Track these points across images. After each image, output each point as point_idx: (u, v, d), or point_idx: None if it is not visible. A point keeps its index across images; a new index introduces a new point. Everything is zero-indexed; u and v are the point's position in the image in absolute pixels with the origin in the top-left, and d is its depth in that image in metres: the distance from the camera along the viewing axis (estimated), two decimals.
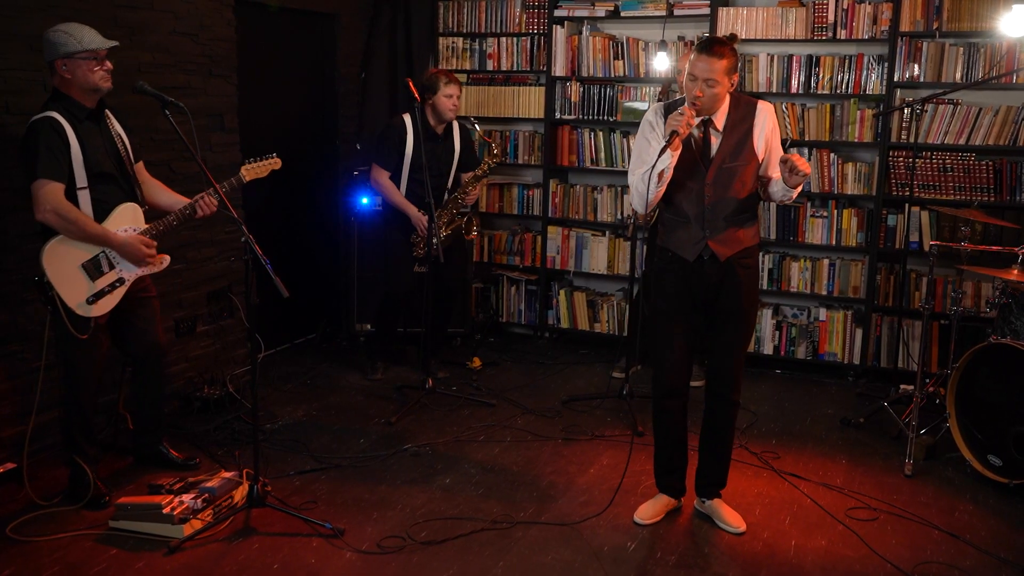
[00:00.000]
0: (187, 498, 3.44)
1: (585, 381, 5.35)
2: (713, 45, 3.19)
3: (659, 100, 4.99)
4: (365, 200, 5.69)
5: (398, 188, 5.02)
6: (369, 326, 5.80)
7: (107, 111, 3.63)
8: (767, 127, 3.30)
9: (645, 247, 5.35)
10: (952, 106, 5.03)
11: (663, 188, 3.29)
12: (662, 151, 3.16)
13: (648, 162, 3.23)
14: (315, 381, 5.22)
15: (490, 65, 6.10)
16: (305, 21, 5.71)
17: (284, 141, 5.44)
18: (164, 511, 3.32)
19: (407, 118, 4.94)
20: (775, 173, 3.31)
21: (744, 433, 4.49)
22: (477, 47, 6.12)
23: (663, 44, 5.24)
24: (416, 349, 5.61)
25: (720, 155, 3.30)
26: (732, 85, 3.25)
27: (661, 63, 4.65)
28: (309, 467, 4.01)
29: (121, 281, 3.59)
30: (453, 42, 6.16)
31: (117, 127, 3.67)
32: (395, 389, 5.07)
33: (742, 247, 3.37)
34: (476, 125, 5.01)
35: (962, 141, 5.08)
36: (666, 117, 3.24)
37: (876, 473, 4.11)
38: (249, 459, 3.94)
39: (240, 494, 3.61)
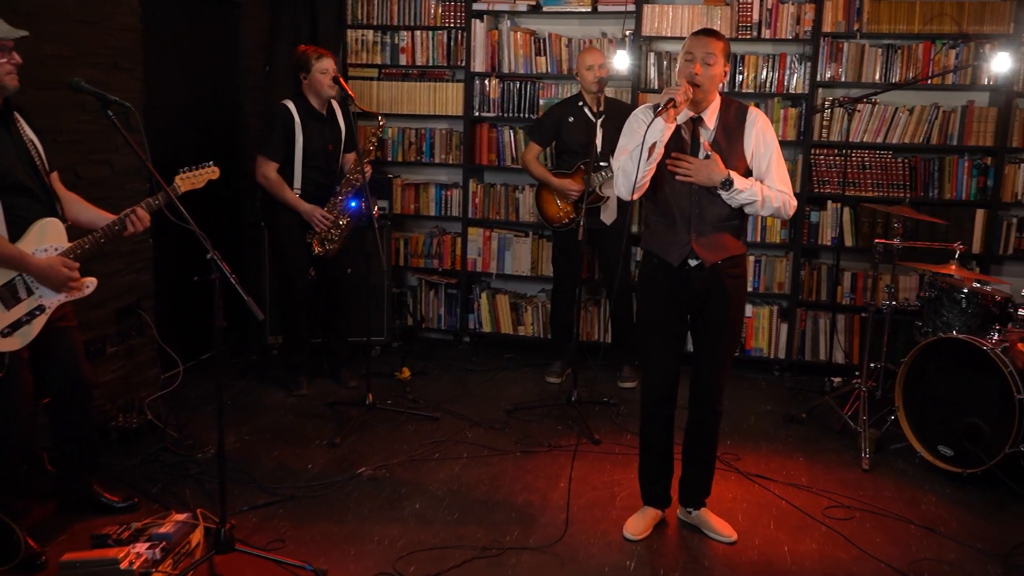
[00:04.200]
0: (142, 548, 3.04)
1: (521, 388, 5.19)
2: (710, 29, 3.23)
3: (586, 100, 4.90)
4: None
5: (292, 181, 4.71)
6: (283, 338, 5.43)
7: (16, 113, 3.17)
8: (756, 132, 3.24)
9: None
10: (870, 105, 5.17)
11: (652, 169, 3.18)
12: (655, 116, 3.07)
13: (638, 143, 3.14)
14: (237, 401, 4.82)
15: (403, 60, 5.82)
16: (209, 11, 5.26)
17: (186, 140, 5.05)
18: (122, 566, 2.92)
19: (289, 103, 4.68)
20: (770, 182, 3.25)
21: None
22: (389, 40, 5.82)
23: (623, 42, 5.13)
24: (326, 360, 5.27)
25: (709, 155, 3.21)
26: (725, 75, 3.19)
27: (621, 62, 4.54)
28: (262, 501, 3.66)
29: (41, 309, 3.13)
30: (363, 35, 5.83)
31: (29, 132, 3.20)
32: (327, 406, 4.75)
33: (728, 254, 3.29)
34: (380, 119, 4.74)
35: (880, 139, 5.24)
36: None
37: (834, 469, 4.16)
38: (199, 497, 3.61)
39: (197, 538, 3.24)
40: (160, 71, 4.77)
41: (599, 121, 4.83)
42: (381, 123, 4.70)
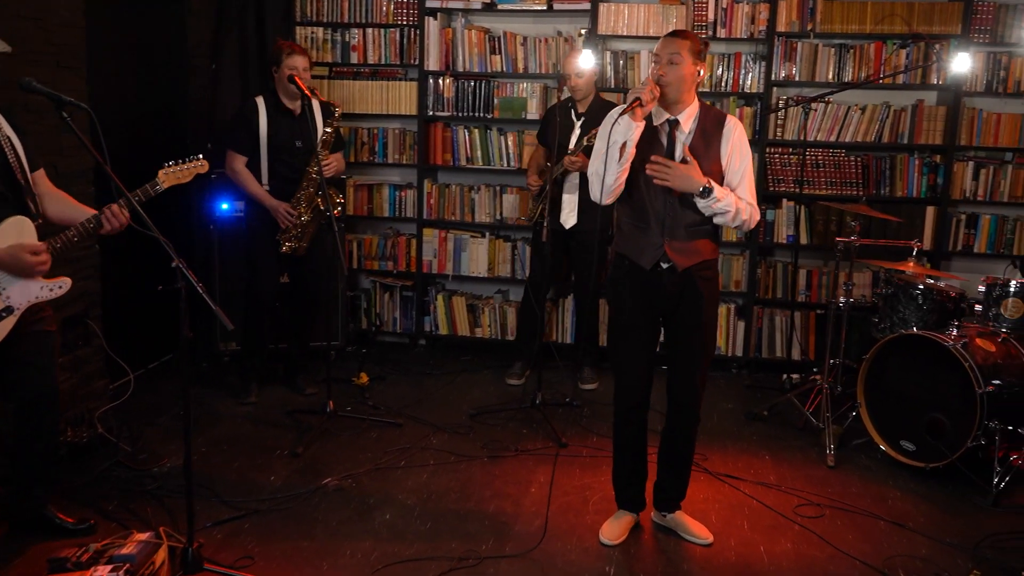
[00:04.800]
0: (104, 571, 2.89)
1: (482, 391, 5.12)
2: (678, 30, 3.20)
3: (559, 99, 4.85)
4: (225, 206, 5.15)
5: (260, 176, 4.61)
6: (235, 344, 5.28)
7: None
8: (733, 141, 3.20)
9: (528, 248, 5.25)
10: (824, 104, 5.23)
11: (624, 171, 3.15)
12: (621, 114, 3.06)
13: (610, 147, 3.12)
14: (191, 411, 4.63)
15: (355, 58, 5.70)
16: (154, 7, 5.06)
17: (130, 140, 4.84)
18: None
19: (259, 99, 4.62)
20: (741, 194, 3.23)
21: (659, 434, 4.42)
22: (339, 38, 5.69)
23: (587, 40, 5.08)
24: (282, 366, 5.13)
25: (684, 159, 3.18)
26: (699, 75, 3.16)
27: (587, 61, 4.48)
28: (226, 516, 3.52)
29: (8, 310, 2.98)
30: (312, 32, 5.69)
31: (6, 129, 3.06)
32: (287, 414, 4.62)
33: (701, 259, 3.26)
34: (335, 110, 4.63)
35: (833, 138, 5.30)
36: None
37: (801, 466, 4.18)
38: (160, 514, 3.47)
39: (161, 557, 3.09)
40: (104, 69, 4.58)
41: (579, 122, 4.80)
42: (338, 112, 4.59)
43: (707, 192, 3.10)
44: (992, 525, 3.64)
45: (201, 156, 3.36)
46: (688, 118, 3.19)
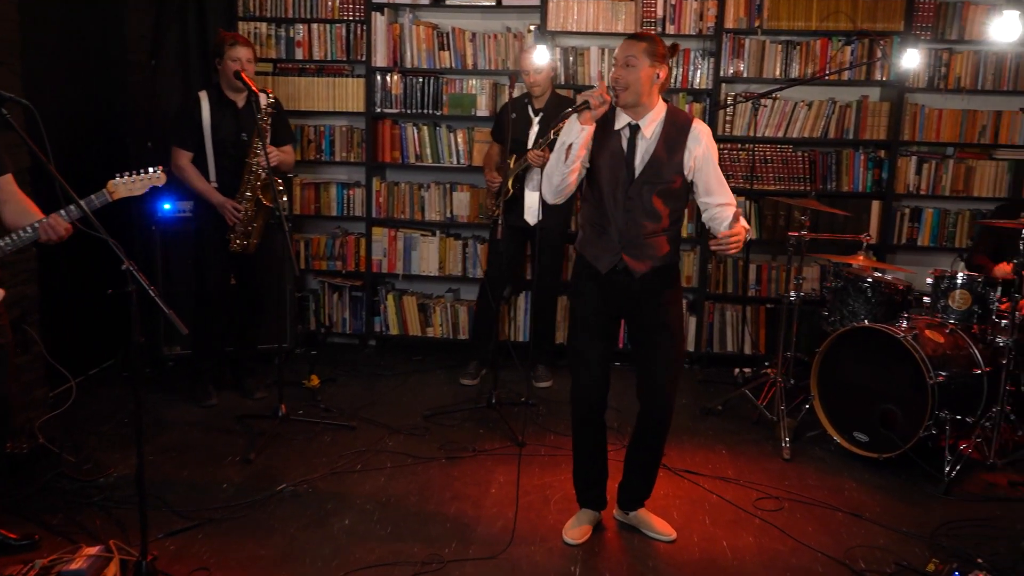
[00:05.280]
0: None
1: (435, 391, 5.06)
2: (637, 33, 3.18)
3: (512, 97, 4.80)
4: (168, 206, 5.00)
5: (207, 172, 4.49)
6: (180, 348, 5.13)
7: None
8: (699, 148, 3.16)
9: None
10: (772, 100, 5.28)
11: (573, 175, 3.13)
12: (568, 114, 3.05)
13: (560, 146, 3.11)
14: (134, 418, 4.49)
15: (300, 54, 5.58)
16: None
17: (67, 139, 4.64)
18: None
19: (203, 94, 4.51)
20: (713, 200, 3.21)
21: (618, 432, 4.42)
22: (284, 34, 5.56)
23: (537, 36, 5.03)
24: (229, 370, 4.99)
25: (645, 166, 3.15)
26: (658, 78, 3.10)
27: (542, 57, 4.44)
28: (179, 526, 3.40)
29: None
30: (256, 27, 5.55)
31: None
32: (236, 420, 4.49)
33: (660, 263, 3.23)
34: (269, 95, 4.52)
35: (781, 134, 5.35)
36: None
37: (757, 459, 4.21)
38: (109, 526, 3.34)
39: (112, 572, 2.98)
40: (39, 64, 4.40)
41: (537, 118, 4.76)
42: (271, 99, 4.48)
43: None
44: (946, 513, 3.70)
45: (160, 168, 3.21)
46: (651, 123, 3.14)
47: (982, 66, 5.18)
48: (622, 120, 3.16)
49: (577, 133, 3.05)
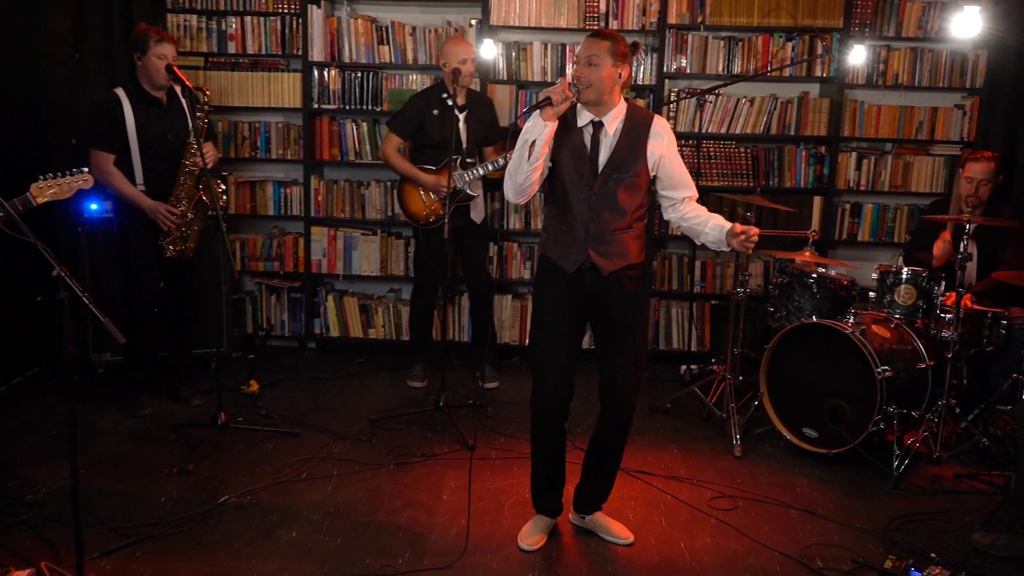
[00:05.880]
0: None
1: (379, 394, 4.93)
2: (599, 31, 3.11)
3: (450, 91, 4.69)
4: (94, 206, 4.77)
5: (133, 175, 4.28)
6: (110, 355, 4.91)
7: None
8: (661, 143, 3.14)
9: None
10: (715, 96, 5.27)
11: (536, 173, 3.06)
12: (529, 111, 3.00)
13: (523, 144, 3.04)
14: (63, 430, 4.27)
15: (232, 48, 5.38)
16: None
17: None
18: None
19: (119, 90, 4.28)
20: (678, 195, 3.24)
21: (572, 434, 4.34)
22: (215, 26, 5.36)
23: (479, 29, 4.92)
24: (163, 377, 4.77)
25: (609, 162, 3.10)
26: (620, 77, 3.06)
27: (488, 51, 4.34)
28: (115, 544, 3.22)
29: None
30: (185, 20, 5.34)
31: None
32: (172, 429, 4.30)
33: (627, 262, 3.19)
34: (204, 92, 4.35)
35: (724, 130, 5.35)
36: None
37: (709, 458, 4.19)
38: (39, 546, 3.15)
39: None
40: None
41: (463, 115, 4.64)
42: (207, 96, 4.31)
43: None
44: (896, 507, 3.73)
45: (86, 170, 3.02)
46: (614, 120, 3.11)
47: (919, 63, 5.25)
48: (584, 117, 3.11)
49: (540, 130, 2.98)
